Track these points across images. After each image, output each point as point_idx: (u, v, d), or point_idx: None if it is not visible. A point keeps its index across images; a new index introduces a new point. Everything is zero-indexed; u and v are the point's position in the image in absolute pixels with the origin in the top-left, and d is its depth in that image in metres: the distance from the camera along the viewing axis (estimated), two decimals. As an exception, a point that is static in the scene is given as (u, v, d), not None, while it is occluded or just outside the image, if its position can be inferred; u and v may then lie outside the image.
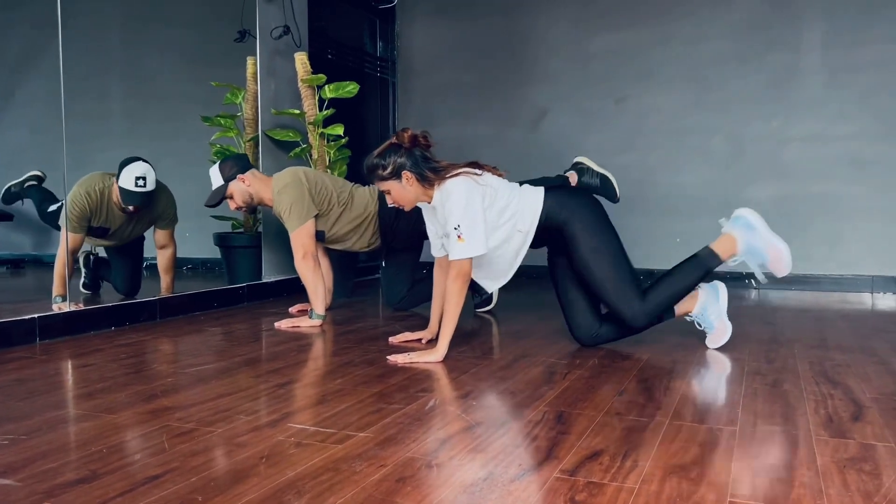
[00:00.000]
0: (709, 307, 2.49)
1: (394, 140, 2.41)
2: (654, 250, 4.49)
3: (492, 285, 2.54)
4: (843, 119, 4.12)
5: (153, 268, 3.51)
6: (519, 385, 2.01)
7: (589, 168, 3.31)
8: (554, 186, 2.51)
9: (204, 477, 1.34)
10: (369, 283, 4.49)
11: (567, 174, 3.27)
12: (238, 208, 3.18)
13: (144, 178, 3.14)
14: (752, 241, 2.42)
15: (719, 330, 2.48)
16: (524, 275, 3.88)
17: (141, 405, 1.83)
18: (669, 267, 2.48)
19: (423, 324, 2.84)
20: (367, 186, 3.23)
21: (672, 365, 2.26)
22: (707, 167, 4.41)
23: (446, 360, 2.32)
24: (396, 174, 2.37)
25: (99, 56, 3.84)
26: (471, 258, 2.29)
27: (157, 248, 3.48)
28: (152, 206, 3.27)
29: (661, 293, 2.40)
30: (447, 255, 2.38)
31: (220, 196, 3.13)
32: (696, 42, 4.39)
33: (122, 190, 3.12)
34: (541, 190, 2.46)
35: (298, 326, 2.98)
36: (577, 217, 2.38)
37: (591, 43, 4.63)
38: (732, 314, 2.68)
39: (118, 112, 4.01)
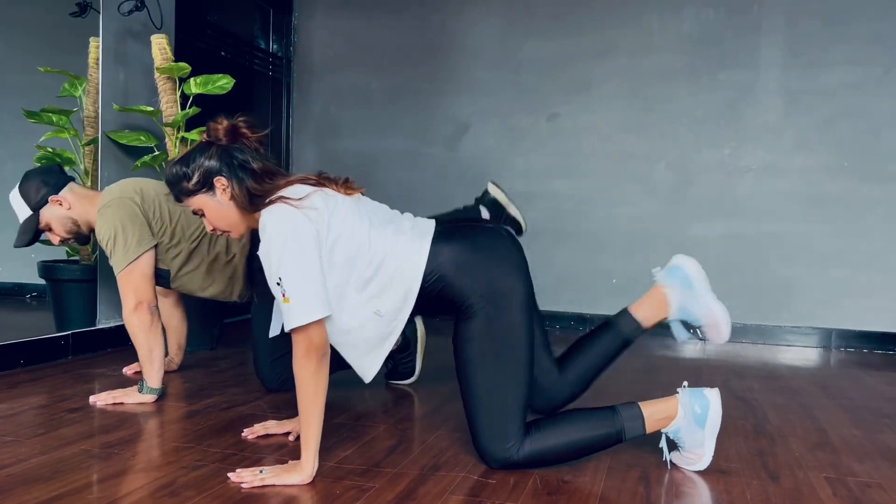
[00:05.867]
0: (685, 428, 1.67)
1: (203, 137, 1.66)
2: (585, 291, 3.87)
3: (366, 373, 1.69)
4: (803, 149, 3.62)
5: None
6: (424, 543, 1.27)
7: (501, 208, 2.48)
8: (453, 226, 1.69)
9: None
10: (243, 326, 3.64)
11: (481, 207, 2.51)
12: (64, 241, 2.31)
13: None
14: (687, 302, 1.78)
15: (695, 455, 1.69)
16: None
17: None
18: (602, 312, 1.80)
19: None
20: None
21: (644, 486, 1.57)
22: (649, 198, 3.83)
23: (316, 481, 1.55)
24: (206, 184, 1.63)
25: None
26: (319, 322, 1.52)
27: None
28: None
29: (551, 439, 1.61)
30: None
31: (33, 230, 2.25)
32: (640, 54, 3.82)
33: None
34: (425, 238, 1.62)
35: (122, 403, 2.14)
36: (490, 295, 1.58)
37: (521, 49, 3.99)
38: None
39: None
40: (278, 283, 1.49)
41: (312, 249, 1.51)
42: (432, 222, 1.69)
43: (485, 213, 2.48)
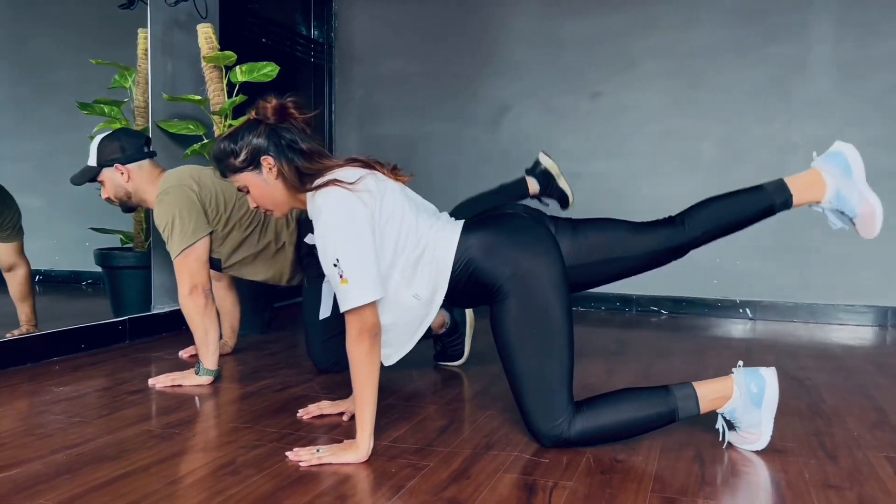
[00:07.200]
0: (740, 408, 1.65)
1: (251, 115, 1.68)
2: (632, 273, 3.83)
3: (392, 356, 1.73)
4: (855, 124, 3.52)
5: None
6: (481, 520, 1.29)
7: (552, 179, 2.53)
8: (480, 217, 1.73)
9: None
10: (293, 310, 3.71)
11: (528, 179, 2.53)
12: (109, 199, 2.40)
13: None
14: (844, 188, 1.70)
15: (753, 435, 1.67)
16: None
17: None
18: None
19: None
20: None
21: (698, 465, 1.56)
22: (695, 177, 3.76)
23: (372, 460, 1.58)
24: (253, 161, 1.66)
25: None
26: (372, 303, 1.55)
27: (3, 270, 2.67)
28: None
29: (603, 417, 1.62)
30: None
31: (88, 178, 2.35)
32: (684, 29, 3.74)
33: None
34: (456, 227, 1.67)
35: (180, 385, 2.21)
36: (519, 276, 1.60)
37: (561, 29, 3.95)
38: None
39: (4, 102, 3.26)
40: (335, 265, 1.52)
41: (368, 232, 1.55)
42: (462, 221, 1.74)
43: (533, 186, 2.49)
